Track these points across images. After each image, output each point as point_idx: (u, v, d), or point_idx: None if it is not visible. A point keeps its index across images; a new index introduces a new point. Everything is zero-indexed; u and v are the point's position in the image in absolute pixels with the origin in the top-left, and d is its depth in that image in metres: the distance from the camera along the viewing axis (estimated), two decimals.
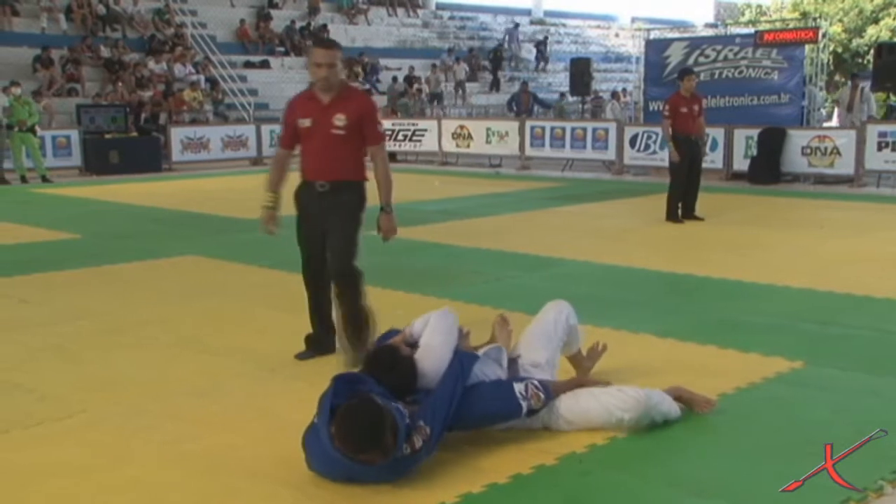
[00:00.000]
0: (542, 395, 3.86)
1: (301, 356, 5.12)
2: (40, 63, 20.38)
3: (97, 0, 23.66)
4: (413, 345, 4.06)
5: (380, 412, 3.40)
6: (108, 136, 17.64)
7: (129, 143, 17.97)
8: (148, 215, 11.66)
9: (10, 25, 22.04)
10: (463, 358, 3.96)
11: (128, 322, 6.11)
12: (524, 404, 3.83)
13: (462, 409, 3.70)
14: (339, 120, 4.82)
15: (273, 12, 27.27)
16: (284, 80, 24.71)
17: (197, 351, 5.42)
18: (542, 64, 30.56)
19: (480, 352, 4.16)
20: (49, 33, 22.19)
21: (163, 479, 3.59)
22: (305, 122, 4.88)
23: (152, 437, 4.01)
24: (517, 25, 31.77)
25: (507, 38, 31.18)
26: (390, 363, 3.80)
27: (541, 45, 30.67)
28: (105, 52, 22.01)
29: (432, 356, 3.90)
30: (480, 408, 3.78)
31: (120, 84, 20.35)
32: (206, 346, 5.54)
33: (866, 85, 16.99)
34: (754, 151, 15.18)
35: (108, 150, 17.53)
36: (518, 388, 3.87)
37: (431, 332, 4.07)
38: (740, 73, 16.95)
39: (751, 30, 18.97)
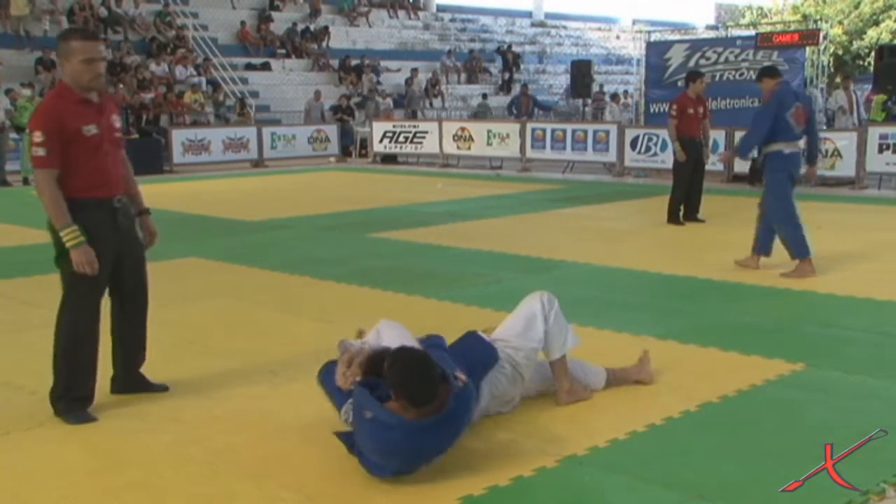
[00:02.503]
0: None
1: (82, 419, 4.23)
2: (42, 65, 20.40)
3: (99, 2, 23.70)
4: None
5: (423, 352, 3.64)
6: None
7: (130, 144, 17.71)
8: None
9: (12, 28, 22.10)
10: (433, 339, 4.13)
11: None
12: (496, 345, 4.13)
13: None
14: (117, 122, 4.37)
15: (274, 14, 27.30)
16: (286, 81, 24.76)
17: (198, 353, 5.43)
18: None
19: None
20: (51, 36, 22.20)
21: (163, 482, 3.59)
22: (92, 130, 4.15)
23: (153, 439, 4.01)
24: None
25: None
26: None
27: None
28: (106, 54, 22.03)
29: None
30: (468, 357, 3.95)
31: (121, 86, 20.37)
32: (208, 347, 5.55)
33: (858, 87, 17.04)
34: (755, 154, 15.16)
35: None
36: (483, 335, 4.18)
37: (391, 333, 4.11)
38: (741, 75, 16.96)
39: (751, 32, 18.97)
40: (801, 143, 7.78)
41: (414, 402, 3.47)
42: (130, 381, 4.56)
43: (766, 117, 7.70)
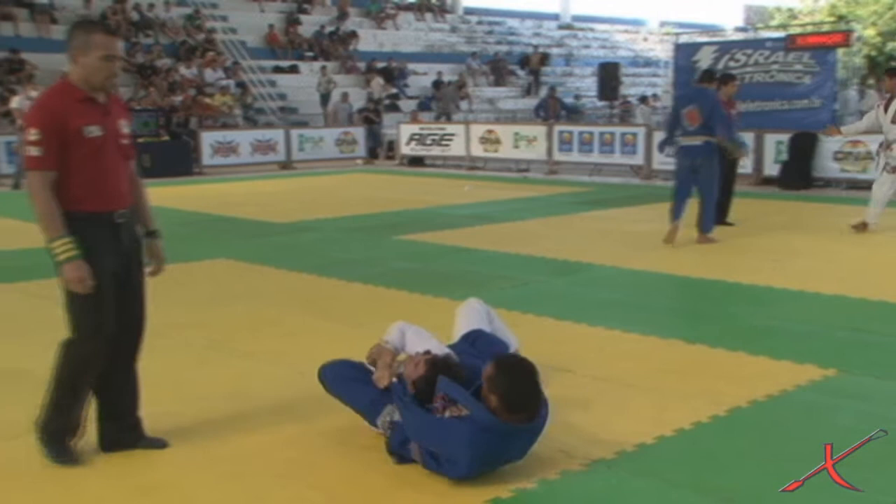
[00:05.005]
0: None
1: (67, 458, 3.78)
2: None
3: (131, 7, 23.94)
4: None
5: (530, 362, 3.73)
6: (140, 140, 17.81)
7: (160, 147, 18.16)
8: (179, 219, 11.75)
9: (48, 33, 22.40)
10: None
11: (160, 325, 6.07)
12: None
13: None
14: (125, 127, 3.85)
15: (302, 17, 27.45)
16: (313, 84, 24.88)
17: (228, 354, 5.46)
18: None
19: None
20: None
21: (192, 482, 3.62)
22: (94, 131, 3.66)
23: (182, 440, 4.03)
24: None
25: None
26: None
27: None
28: (138, 57, 22.27)
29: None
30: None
31: (152, 89, 20.56)
32: (238, 349, 5.58)
33: None
34: (785, 156, 15.06)
35: (140, 154, 17.62)
36: None
37: (421, 338, 4.21)
38: (771, 77, 16.84)
39: (781, 34, 18.83)
40: (705, 137, 9.16)
41: (519, 409, 3.55)
42: (121, 432, 3.93)
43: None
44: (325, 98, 23.27)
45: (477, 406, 3.56)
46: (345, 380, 4.05)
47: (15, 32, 22.23)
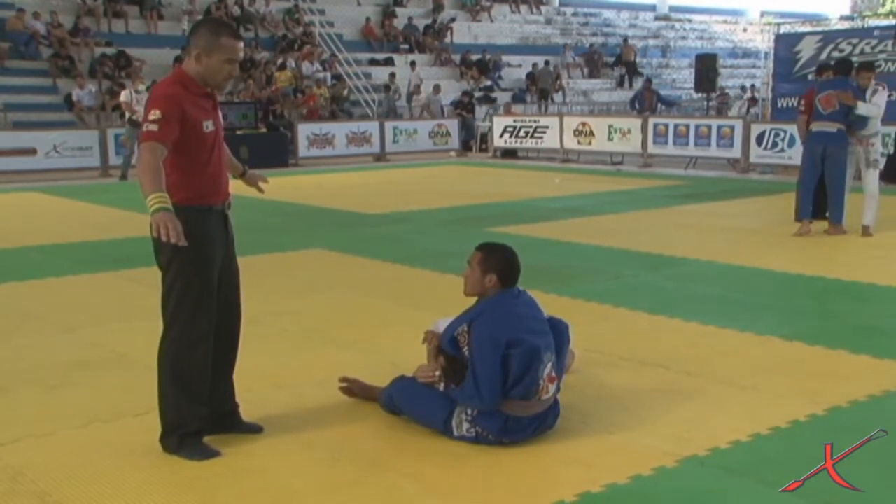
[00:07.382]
0: None
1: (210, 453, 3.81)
2: (179, 62, 21.26)
3: (233, 2, 24.52)
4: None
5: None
6: (238, 132, 18.24)
7: (258, 138, 18.55)
8: (275, 209, 12.00)
9: (155, 28, 23.15)
10: None
11: (256, 313, 6.25)
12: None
13: None
14: (222, 121, 3.98)
15: (398, 10, 27.68)
16: (408, 77, 25.08)
17: (322, 342, 5.57)
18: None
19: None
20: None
21: (285, 467, 3.71)
22: (209, 126, 3.77)
23: (276, 426, 4.12)
24: None
25: None
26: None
27: None
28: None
29: None
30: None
31: (251, 82, 21.01)
32: (331, 338, 5.68)
33: None
34: (891, 149, 14.52)
35: (238, 145, 18.02)
36: None
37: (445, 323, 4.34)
38: (878, 67, 16.23)
39: (891, 21, 18.14)
40: (839, 124, 9.04)
41: (514, 277, 4.08)
42: (218, 418, 3.99)
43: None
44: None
45: (467, 312, 3.94)
46: (411, 395, 4.09)
47: (126, 29, 23.02)
